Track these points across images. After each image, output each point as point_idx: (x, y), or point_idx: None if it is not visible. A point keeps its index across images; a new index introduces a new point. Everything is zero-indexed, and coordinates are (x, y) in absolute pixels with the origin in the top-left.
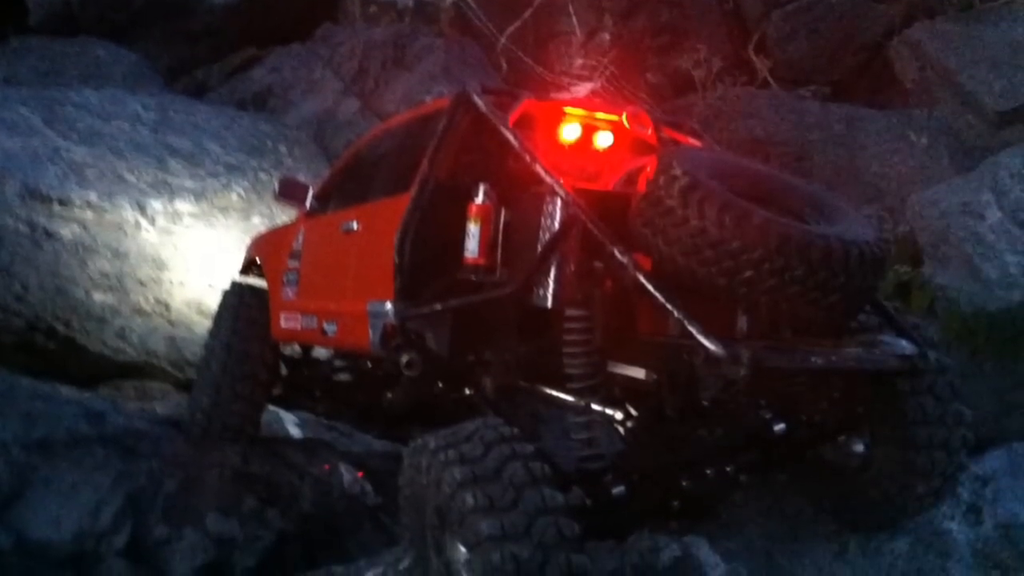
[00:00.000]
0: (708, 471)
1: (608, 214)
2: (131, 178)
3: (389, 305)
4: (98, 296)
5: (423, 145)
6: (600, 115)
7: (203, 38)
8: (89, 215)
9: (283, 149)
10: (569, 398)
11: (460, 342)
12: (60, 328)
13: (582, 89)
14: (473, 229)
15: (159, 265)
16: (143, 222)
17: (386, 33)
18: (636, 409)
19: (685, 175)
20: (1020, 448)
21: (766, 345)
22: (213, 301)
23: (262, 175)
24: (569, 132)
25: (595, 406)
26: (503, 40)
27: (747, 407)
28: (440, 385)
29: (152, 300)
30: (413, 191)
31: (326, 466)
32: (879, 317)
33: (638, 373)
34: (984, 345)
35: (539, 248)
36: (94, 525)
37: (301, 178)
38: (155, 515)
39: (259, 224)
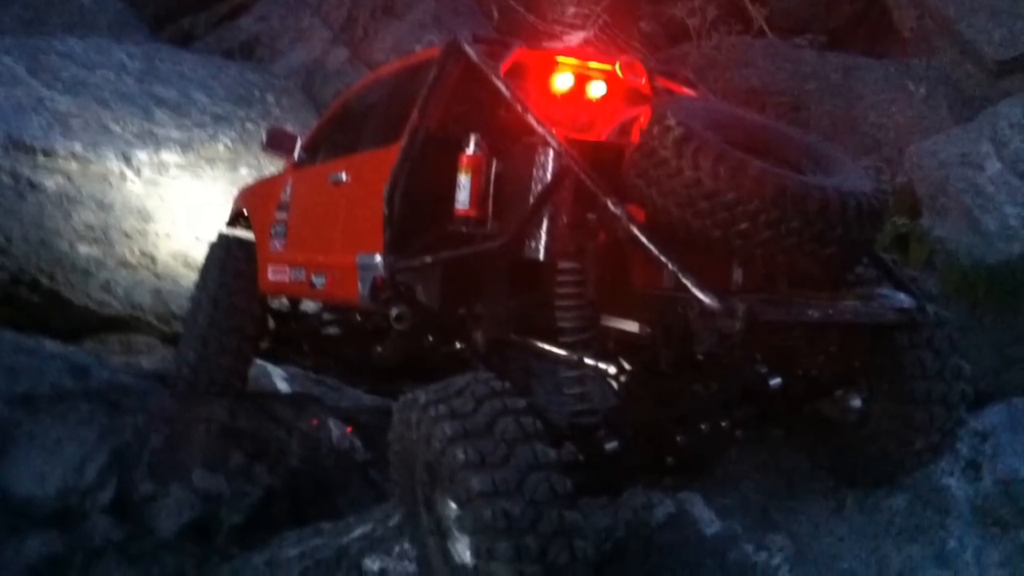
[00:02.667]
0: (703, 426)
1: (601, 165)
2: (116, 128)
3: (378, 257)
4: (83, 248)
5: (413, 95)
6: (593, 64)
7: None
8: (74, 166)
9: (271, 99)
10: (562, 352)
11: (450, 295)
12: (44, 281)
13: (575, 38)
14: (464, 180)
15: (145, 217)
16: (128, 173)
17: None
18: (630, 363)
19: (680, 125)
20: (1020, 403)
21: (762, 298)
22: (200, 253)
23: (249, 125)
24: (562, 82)
25: (588, 360)
26: None
27: (743, 361)
28: (430, 339)
29: (138, 252)
30: (403, 142)
31: (314, 421)
32: (877, 270)
33: (632, 327)
34: (983, 298)
35: (531, 200)
36: (79, 481)
37: (289, 128)
38: (140, 471)
39: (246, 175)
